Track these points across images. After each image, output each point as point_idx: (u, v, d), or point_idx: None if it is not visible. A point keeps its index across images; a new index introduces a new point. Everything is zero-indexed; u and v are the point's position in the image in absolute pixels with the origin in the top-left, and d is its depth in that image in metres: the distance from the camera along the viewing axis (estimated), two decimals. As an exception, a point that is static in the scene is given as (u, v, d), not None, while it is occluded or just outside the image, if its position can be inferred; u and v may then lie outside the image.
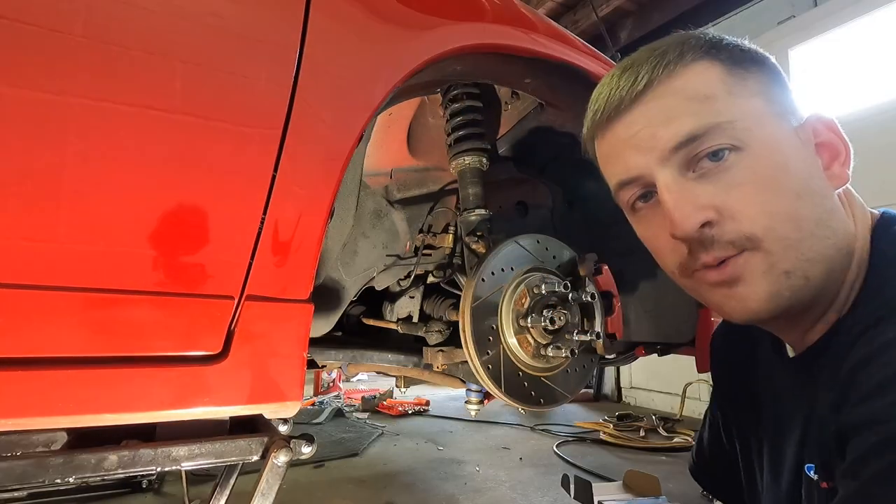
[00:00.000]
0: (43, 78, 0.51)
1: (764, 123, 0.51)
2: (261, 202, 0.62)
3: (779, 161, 0.50)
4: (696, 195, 0.51)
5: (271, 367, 0.63)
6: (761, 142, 0.50)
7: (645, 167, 0.54)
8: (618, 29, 4.80)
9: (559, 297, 1.01)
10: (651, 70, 0.53)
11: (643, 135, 0.53)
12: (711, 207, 0.50)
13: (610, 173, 0.61)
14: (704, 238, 0.51)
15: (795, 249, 0.49)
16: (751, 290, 0.51)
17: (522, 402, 0.98)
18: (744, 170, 0.50)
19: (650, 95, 0.53)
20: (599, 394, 4.67)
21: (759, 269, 0.50)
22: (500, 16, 0.90)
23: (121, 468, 0.60)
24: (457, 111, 1.13)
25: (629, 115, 0.55)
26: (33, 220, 0.51)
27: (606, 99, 0.56)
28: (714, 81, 0.52)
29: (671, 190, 0.52)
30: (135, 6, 0.55)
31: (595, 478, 2.31)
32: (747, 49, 0.55)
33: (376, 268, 1.23)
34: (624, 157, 0.56)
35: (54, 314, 0.52)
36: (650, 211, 0.58)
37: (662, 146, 0.52)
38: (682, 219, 0.51)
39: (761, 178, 0.49)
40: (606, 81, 0.58)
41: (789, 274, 0.49)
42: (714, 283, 0.53)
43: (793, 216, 0.49)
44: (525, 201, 1.40)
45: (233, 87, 0.60)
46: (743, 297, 0.51)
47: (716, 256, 0.51)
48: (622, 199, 0.61)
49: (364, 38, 0.71)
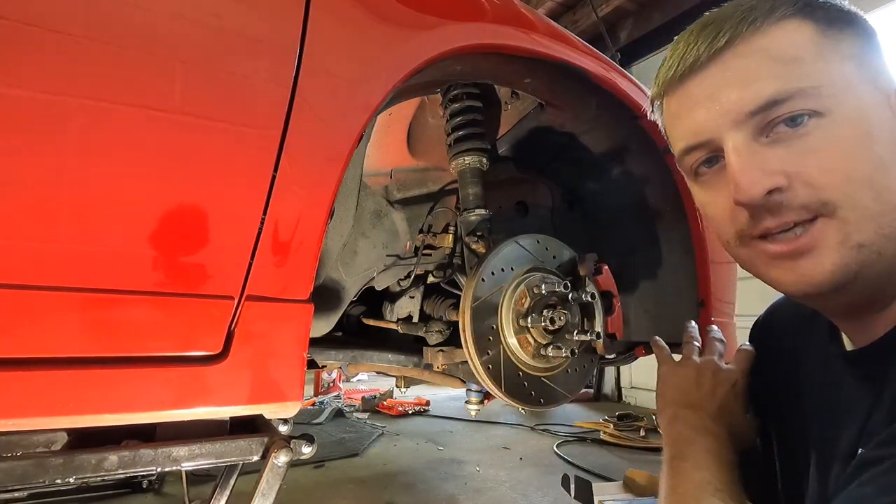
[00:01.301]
0: (43, 78, 0.51)
1: (852, 90, 0.47)
2: (261, 202, 0.62)
3: (865, 129, 0.46)
4: (766, 159, 0.47)
5: (271, 368, 0.63)
6: (848, 109, 0.46)
7: (716, 130, 0.50)
8: (618, 29, 4.80)
9: (559, 297, 1.01)
10: (735, 25, 0.49)
11: (718, 95, 0.50)
12: (782, 173, 0.47)
13: (677, 135, 0.57)
14: (771, 204, 0.47)
15: (874, 221, 0.45)
16: (818, 261, 0.47)
17: (522, 402, 0.98)
18: (824, 136, 0.46)
19: (731, 53, 0.49)
20: (599, 394, 4.67)
21: (832, 239, 0.46)
22: (499, 16, 0.90)
23: (121, 468, 0.60)
24: (457, 111, 1.13)
25: (706, 72, 0.51)
26: (33, 220, 0.51)
27: (682, 55, 0.52)
28: (804, 42, 0.48)
29: (740, 153, 0.48)
30: (135, 6, 0.55)
31: (595, 478, 2.31)
32: (845, 9, 0.50)
33: (376, 268, 1.23)
34: (694, 118, 0.52)
35: (55, 314, 0.52)
36: (714, 176, 0.54)
37: (738, 109, 0.48)
38: (748, 183, 0.47)
39: (843, 145, 0.46)
40: (684, 37, 0.53)
41: (862, 248, 0.46)
42: (776, 254, 0.49)
43: (874, 185, 0.45)
44: (525, 201, 1.40)
45: (233, 87, 0.60)
46: (808, 270, 0.48)
47: (783, 221, 0.48)
48: (686, 164, 0.57)
49: (364, 38, 0.71)
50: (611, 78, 1.06)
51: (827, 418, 0.60)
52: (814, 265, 0.47)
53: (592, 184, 1.38)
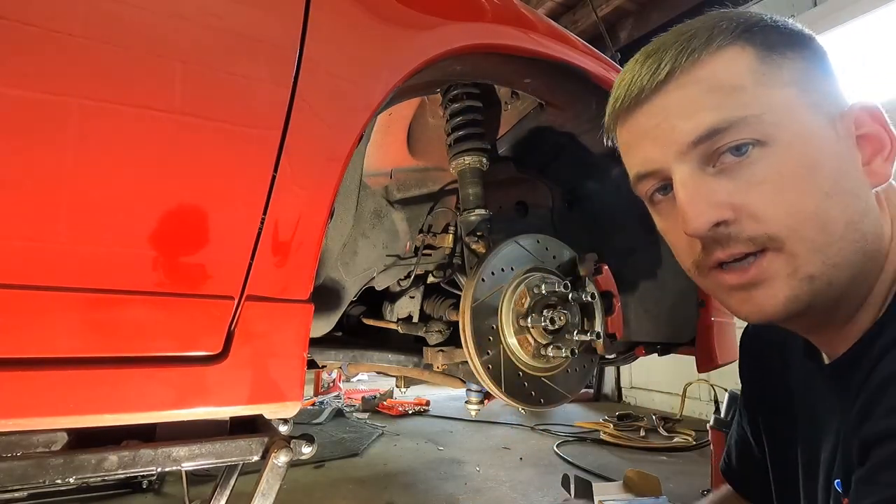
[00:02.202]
0: (43, 78, 0.51)
1: (795, 116, 0.47)
2: (261, 202, 0.62)
3: (808, 157, 0.46)
4: (713, 191, 0.48)
5: (271, 368, 0.63)
6: (790, 136, 0.46)
7: (663, 161, 0.51)
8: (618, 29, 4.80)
9: (559, 297, 1.01)
10: (675, 57, 0.49)
11: (663, 127, 0.50)
12: (728, 206, 0.47)
13: (629, 164, 0.57)
14: (719, 236, 0.48)
15: (821, 253, 0.46)
16: (770, 293, 0.48)
17: (523, 402, 0.98)
18: (768, 166, 0.46)
19: (672, 85, 0.49)
20: (599, 394, 4.67)
21: (782, 272, 0.47)
22: (499, 16, 0.90)
23: (121, 468, 0.60)
24: (457, 111, 1.13)
25: (649, 105, 0.51)
26: (34, 220, 0.51)
27: (628, 86, 0.53)
28: (742, 71, 0.48)
29: (686, 186, 0.49)
30: (135, 6, 0.55)
31: (595, 478, 2.31)
32: (787, 31, 0.50)
33: (376, 268, 1.23)
34: (643, 149, 0.53)
35: (55, 314, 0.52)
36: (668, 204, 0.55)
37: (681, 140, 0.49)
38: (694, 216, 0.48)
39: (787, 176, 0.46)
40: (630, 67, 0.54)
41: (813, 279, 0.46)
42: (731, 285, 0.50)
43: (820, 217, 0.45)
44: (525, 201, 1.40)
45: (233, 87, 0.60)
46: (761, 301, 0.49)
47: (731, 253, 0.48)
48: (641, 191, 0.58)
49: (364, 38, 0.71)
50: (611, 78, 1.06)
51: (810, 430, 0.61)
52: (766, 297, 0.48)
53: (592, 184, 1.38)
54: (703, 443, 2.89)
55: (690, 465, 2.65)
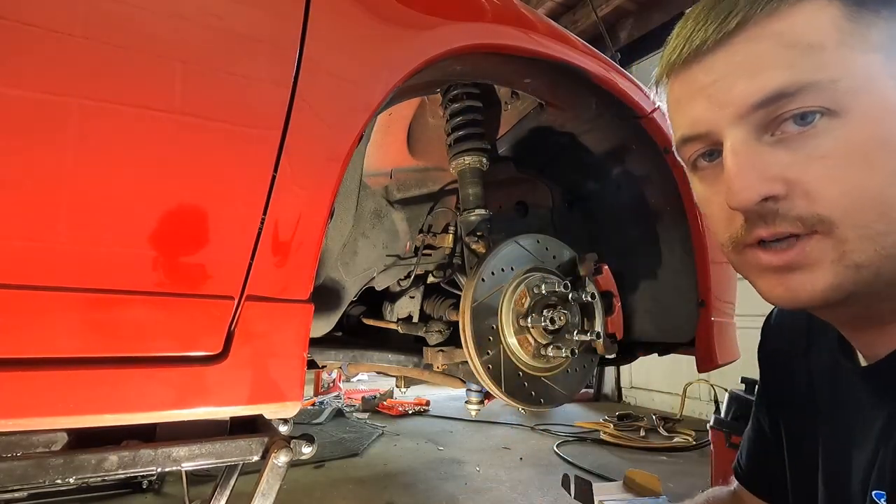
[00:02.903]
0: (43, 78, 0.51)
1: (876, 85, 0.42)
2: (261, 202, 0.62)
3: (882, 134, 0.41)
4: (767, 163, 0.43)
5: (271, 368, 0.63)
6: (866, 108, 0.41)
7: (716, 123, 0.46)
8: (618, 29, 4.80)
9: (559, 297, 1.01)
10: (749, 5, 0.43)
11: (721, 85, 0.45)
12: (781, 180, 0.43)
13: (676, 123, 0.52)
14: (765, 212, 0.44)
15: (875, 242, 0.41)
16: (809, 278, 0.44)
17: (523, 402, 0.98)
18: (834, 140, 0.41)
19: (741, 37, 0.44)
20: (599, 394, 4.67)
21: (826, 258, 0.42)
22: (499, 16, 0.90)
23: (121, 468, 0.60)
24: (457, 111, 1.13)
25: (712, 58, 0.46)
26: (34, 220, 0.51)
27: (689, 36, 0.47)
28: (825, 27, 0.42)
29: (737, 153, 0.44)
30: (135, 6, 0.55)
31: (595, 478, 2.31)
32: None
33: (376, 268, 1.23)
34: (694, 108, 0.48)
35: (55, 315, 0.52)
36: (712, 172, 0.50)
37: (742, 101, 0.44)
38: (741, 188, 0.43)
39: (853, 152, 0.41)
40: (693, 14, 0.48)
41: (860, 268, 0.42)
42: (766, 266, 0.46)
43: (881, 202, 0.41)
44: (525, 201, 1.40)
45: (233, 87, 0.60)
46: (796, 286, 0.44)
47: (776, 232, 0.44)
48: (683, 154, 0.53)
49: (364, 38, 0.71)
50: (611, 78, 1.06)
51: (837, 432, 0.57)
52: (805, 282, 0.44)
53: (592, 184, 1.38)
54: (703, 443, 2.89)
55: (690, 465, 2.65)
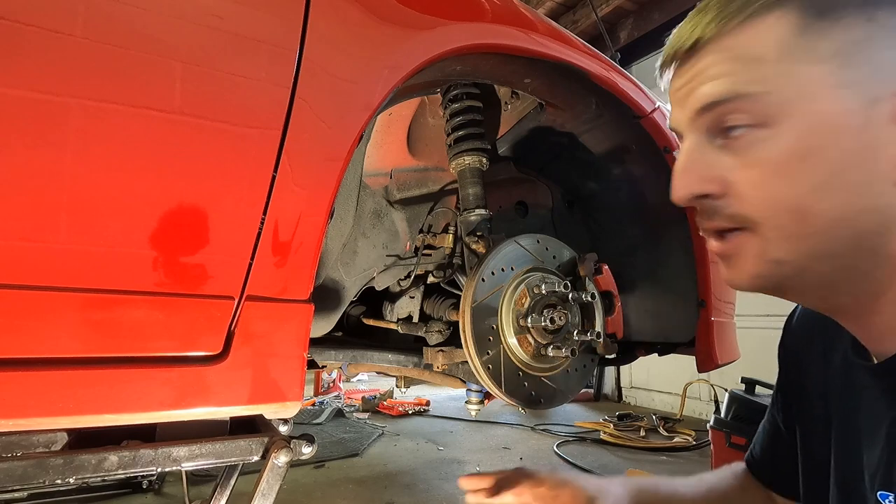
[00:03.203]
0: (43, 79, 0.51)
1: (813, 97, 0.43)
2: (261, 202, 0.62)
3: (807, 146, 0.44)
4: (709, 164, 0.48)
5: (271, 368, 0.63)
6: (797, 121, 0.44)
7: (680, 123, 0.52)
8: (618, 29, 4.80)
9: (559, 297, 1.01)
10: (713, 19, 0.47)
11: (684, 91, 0.50)
12: (719, 181, 0.48)
13: None
14: (705, 207, 0.50)
15: (794, 242, 0.46)
16: (739, 268, 0.50)
17: (523, 402, 0.98)
18: (764, 149, 0.45)
19: (707, 49, 0.48)
20: (600, 393, 4.67)
21: (750, 252, 0.48)
22: (499, 16, 0.90)
23: (121, 469, 0.60)
24: (457, 111, 1.13)
25: (684, 65, 0.51)
26: (34, 220, 0.51)
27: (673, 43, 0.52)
28: (770, 41, 0.44)
29: (685, 153, 0.50)
30: (135, 7, 0.55)
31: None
32: None
33: (376, 268, 1.23)
34: (672, 108, 0.54)
35: (55, 315, 0.52)
36: None
37: (692, 106, 0.49)
38: (678, 186, 0.50)
39: (777, 163, 0.45)
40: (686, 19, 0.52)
41: (781, 263, 0.47)
42: (714, 252, 0.53)
43: (800, 210, 0.45)
44: (525, 201, 1.40)
45: (233, 88, 0.60)
46: (733, 273, 0.51)
47: (714, 226, 0.50)
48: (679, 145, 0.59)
49: (364, 38, 0.71)
50: (611, 78, 1.06)
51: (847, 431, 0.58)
52: (736, 271, 0.50)
53: (592, 184, 1.38)
54: (703, 443, 2.89)
55: (691, 465, 2.65)
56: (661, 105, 1.20)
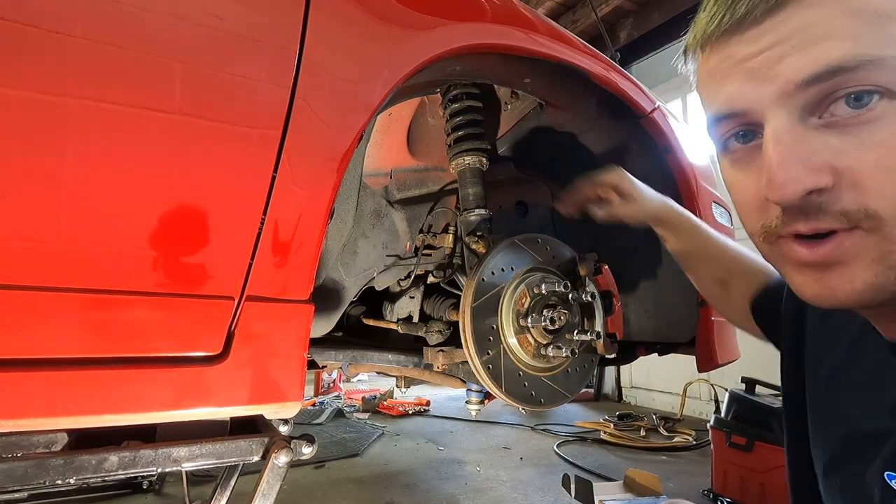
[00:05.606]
0: (43, 79, 0.51)
1: None
2: (261, 202, 0.62)
3: None
4: (813, 151, 0.38)
5: (272, 368, 0.63)
6: None
7: (756, 101, 0.40)
8: (617, 29, 4.80)
9: (559, 297, 1.01)
10: None
11: (767, 57, 0.39)
12: (828, 170, 0.37)
13: (709, 98, 0.45)
14: (807, 205, 0.39)
15: None
16: (848, 277, 0.39)
17: (523, 402, 0.98)
18: (893, 124, 0.36)
19: (796, 3, 0.38)
20: (600, 393, 4.67)
21: (866, 255, 0.38)
22: (499, 16, 0.90)
23: (121, 469, 0.60)
24: (456, 111, 1.13)
25: (758, 28, 0.39)
26: (34, 220, 0.51)
27: (731, 2, 0.41)
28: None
29: (780, 140, 0.39)
30: (135, 7, 0.55)
31: (596, 477, 2.31)
32: None
33: (376, 268, 1.23)
34: (732, 82, 0.42)
35: (55, 315, 0.52)
36: (746, 155, 0.44)
37: (789, 77, 0.38)
38: (783, 182, 0.38)
39: None
40: None
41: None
42: (802, 261, 0.42)
43: None
44: (525, 201, 1.40)
45: (233, 88, 0.60)
46: (835, 284, 0.40)
47: (816, 227, 0.39)
48: (714, 133, 0.47)
49: (364, 38, 0.71)
50: (611, 78, 1.06)
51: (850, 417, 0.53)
52: (842, 281, 0.40)
53: (592, 184, 1.38)
54: (703, 443, 2.89)
55: (691, 464, 2.65)
56: (660, 105, 1.20)
